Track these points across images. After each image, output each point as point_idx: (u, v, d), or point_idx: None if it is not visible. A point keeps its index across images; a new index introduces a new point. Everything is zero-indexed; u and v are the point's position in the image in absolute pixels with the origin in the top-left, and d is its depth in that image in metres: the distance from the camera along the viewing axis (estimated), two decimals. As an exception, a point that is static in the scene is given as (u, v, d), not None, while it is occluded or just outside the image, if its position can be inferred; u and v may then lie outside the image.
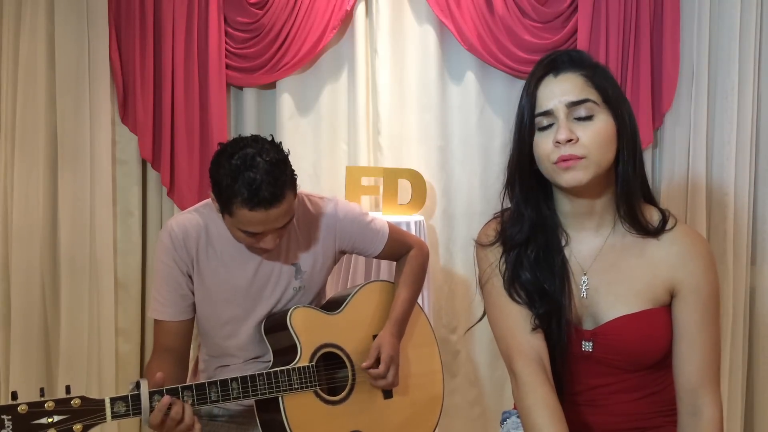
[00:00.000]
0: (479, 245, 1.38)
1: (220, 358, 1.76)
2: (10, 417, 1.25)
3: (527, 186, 1.30)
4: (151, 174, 2.75)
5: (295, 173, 1.59)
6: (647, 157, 2.60)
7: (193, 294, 1.69)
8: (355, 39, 2.67)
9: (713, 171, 2.59)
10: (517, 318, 1.28)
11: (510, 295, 1.30)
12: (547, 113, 1.24)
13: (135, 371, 2.75)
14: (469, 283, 2.76)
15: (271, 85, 2.76)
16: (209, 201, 1.68)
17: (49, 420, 1.28)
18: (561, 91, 1.23)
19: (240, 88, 2.77)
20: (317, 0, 2.61)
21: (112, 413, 1.35)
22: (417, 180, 2.62)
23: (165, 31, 2.63)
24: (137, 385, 1.40)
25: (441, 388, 1.89)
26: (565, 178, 1.22)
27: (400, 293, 1.84)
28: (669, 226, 1.29)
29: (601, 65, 1.29)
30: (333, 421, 1.66)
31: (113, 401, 1.36)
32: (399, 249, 1.91)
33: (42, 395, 1.30)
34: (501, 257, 1.33)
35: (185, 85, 2.66)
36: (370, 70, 2.72)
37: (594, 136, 1.21)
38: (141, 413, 1.38)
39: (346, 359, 1.72)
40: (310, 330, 1.68)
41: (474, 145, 2.73)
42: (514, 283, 1.30)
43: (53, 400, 1.30)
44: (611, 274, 1.29)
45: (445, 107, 2.74)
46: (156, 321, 1.68)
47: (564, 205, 1.31)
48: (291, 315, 1.66)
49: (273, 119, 2.77)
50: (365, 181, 2.64)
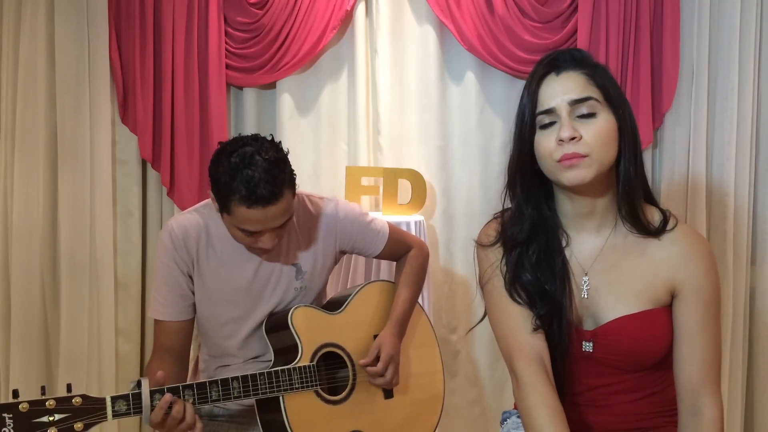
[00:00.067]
0: (480, 245, 1.38)
1: (220, 358, 1.76)
2: (11, 415, 1.25)
3: (528, 185, 1.30)
4: (151, 174, 2.75)
5: (294, 173, 1.58)
6: (647, 157, 2.60)
7: (194, 294, 1.68)
8: (355, 39, 2.67)
9: (713, 171, 2.59)
10: (518, 318, 1.28)
11: (511, 296, 1.30)
12: (549, 111, 1.23)
13: (135, 371, 2.75)
14: (469, 283, 2.76)
15: (271, 85, 2.76)
16: (209, 201, 1.68)
17: (50, 418, 1.28)
18: (563, 90, 1.23)
19: (240, 88, 2.77)
20: (317, 0, 2.61)
21: (113, 412, 1.35)
22: (417, 180, 2.62)
23: (165, 31, 2.63)
24: (138, 384, 1.40)
25: (441, 388, 1.89)
26: (568, 176, 1.22)
27: (400, 293, 1.83)
28: (670, 226, 1.29)
29: (602, 65, 1.29)
30: (333, 421, 1.65)
31: (114, 400, 1.36)
32: (399, 249, 1.91)
33: (43, 393, 1.30)
34: (502, 257, 1.33)
35: (185, 85, 2.66)
36: (370, 70, 2.72)
37: (597, 133, 1.21)
38: (142, 412, 1.38)
39: (346, 359, 1.72)
40: (311, 330, 1.68)
41: (474, 145, 2.73)
42: (514, 284, 1.30)
43: (54, 398, 1.30)
44: (612, 274, 1.29)
45: (445, 107, 2.74)
46: (156, 321, 1.68)
47: (565, 205, 1.31)
48: (292, 314, 1.66)
49: (273, 119, 2.77)
50: (365, 181, 2.64)
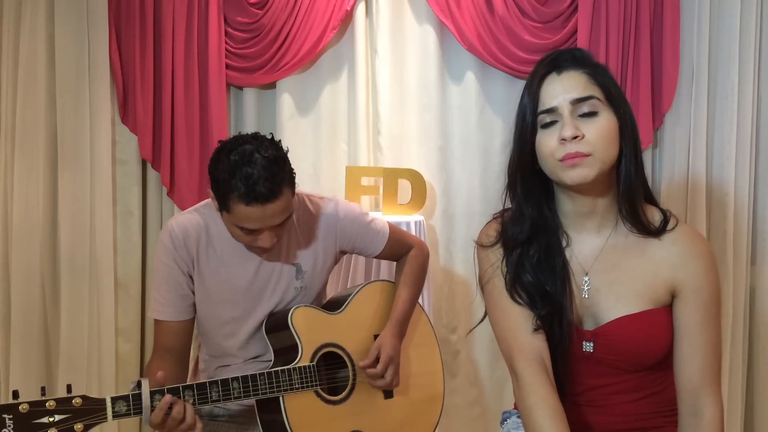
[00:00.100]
0: (480, 246, 1.38)
1: (220, 358, 1.76)
2: (11, 416, 1.25)
3: (529, 185, 1.29)
4: (151, 174, 2.75)
5: (294, 172, 1.58)
6: (647, 157, 2.60)
7: (194, 294, 1.68)
8: (355, 39, 2.67)
9: (713, 171, 2.59)
10: (519, 318, 1.28)
11: (512, 297, 1.29)
12: (551, 110, 1.23)
13: (135, 371, 2.75)
14: (469, 283, 2.76)
15: (271, 85, 2.75)
16: (209, 201, 1.68)
17: (50, 419, 1.28)
18: (564, 89, 1.23)
19: (240, 88, 2.77)
20: (317, 0, 2.61)
21: (113, 412, 1.35)
22: (417, 180, 2.62)
23: (165, 31, 2.63)
24: (138, 385, 1.40)
25: (441, 388, 1.89)
26: (571, 175, 1.21)
27: (400, 293, 1.83)
28: (670, 226, 1.29)
29: (602, 64, 1.29)
30: (333, 421, 1.65)
31: (114, 400, 1.36)
32: (399, 249, 1.91)
33: (43, 394, 1.30)
34: (502, 258, 1.33)
35: (185, 85, 2.66)
36: (370, 70, 2.72)
37: (599, 132, 1.21)
38: (142, 412, 1.38)
39: (346, 359, 1.72)
40: (311, 330, 1.68)
41: (474, 145, 2.73)
42: (515, 285, 1.30)
43: (54, 399, 1.29)
44: (612, 274, 1.29)
45: (445, 107, 2.74)
46: (156, 321, 1.68)
47: (565, 204, 1.31)
48: (292, 314, 1.66)
49: (273, 119, 2.77)
50: (365, 181, 2.64)
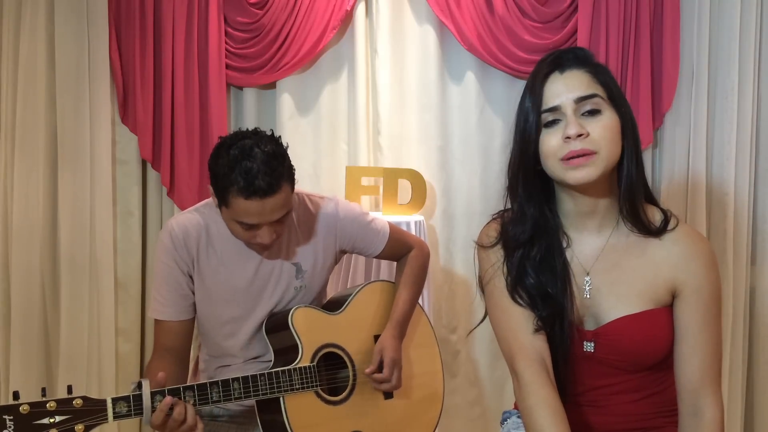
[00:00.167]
0: (480, 246, 1.37)
1: (220, 358, 1.76)
2: (11, 417, 1.25)
3: (531, 186, 1.29)
4: (151, 174, 2.75)
5: (294, 168, 1.59)
6: (647, 157, 2.60)
7: (194, 294, 1.68)
8: (355, 39, 2.67)
9: (713, 171, 2.59)
10: (520, 319, 1.28)
11: (513, 298, 1.29)
12: (554, 109, 1.23)
13: (135, 371, 2.75)
14: (470, 284, 2.76)
15: (271, 85, 2.75)
16: (209, 201, 1.68)
17: (51, 420, 1.28)
18: (567, 88, 1.23)
19: (240, 88, 2.77)
20: (317, 0, 2.61)
21: (113, 413, 1.35)
22: (417, 180, 2.62)
23: (165, 31, 2.62)
24: (139, 385, 1.40)
25: (441, 388, 1.89)
26: (574, 175, 1.21)
27: (401, 294, 1.83)
28: (671, 226, 1.29)
29: (603, 64, 1.29)
30: (334, 422, 1.65)
31: (115, 401, 1.36)
32: (400, 249, 1.91)
33: (44, 395, 1.30)
34: (503, 258, 1.33)
35: (185, 85, 2.66)
36: (370, 70, 2.72)
37: (603, 130, 1.21)
38: (143, 413, 1.38)
39: (347, 359, 1.72)
40: (311, 330, 1.68)
41: (474, 145, 2.73)
42: (517, 287, 1.29)
43: (55, 400, 1.29)
44: (613, 274, 1.29)
45: (445, 107, 2.74)
46: (156, 321, 1.68)
47: (566, 204, 1.31)
48: (292, 315, 1.66)
49: (273, 119, 2.77)
50: (365, 181, 2.64)
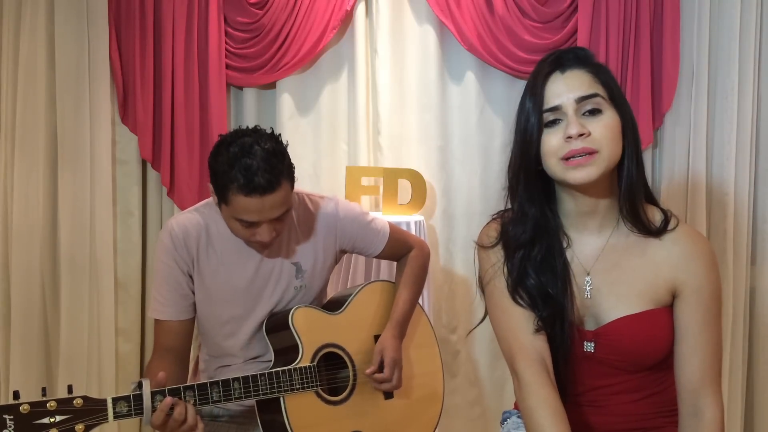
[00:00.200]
0: (480, 246, 1.37)
1: (220, 358, 1.76)
2: (12, 417, 1.25)
3: (531, 186, 1.29)
4: (151, 174, 2.75)
5: (293, 166, 1.59)
6: (647, 157, 2.60)
7: (194, 293, 1.68)
8: (355, 39, 2.67)
9: (713, 171, 2.59)
10: (520, 319, 1.28)
11: (513, 299, 1.29)
12: (555, 109, 1.23)
13: (135, 371, 2.75)
14: (470, 284, 2.76)
15: (271, 85, 2.75)
16: (209, 201, 1.68)
17: (51, 420, 1.28)
18: (569, 87, 1.23)
19: (240, 88, 2.77)
20: (317, 0, 2.61)
21: (114, 413, 1.35)
22: (417, 180, 2.62)
23: (165, 31, 2.62)
24: (139, 385, 1.40)
25: (441, 388, 1.89)
26: (575, 175, 1.21)
27: (401, 294, 1.83)
28: (671, 226, 1.29)
29: (603, 65, 1.29)
30: (334, 422, 1.65)
31: (115, 401, 1.36)
32: (400, 249, 1.91)
33: (44, 395, 1.30)
34: (503, 258, 1.33)
35: (185, 85, 2.66)
36: (370, 70, 2.72)
37: (604, 129, 1.21)
38: (143, 413, 1.38)
39: (347, 359, 1.72)
40: (311, 330, 1.68)
41: (474, 145, 2.73)
42: (518, 288, 1.29)
43: (55, 399, 1.29)
44: (614, 274, 1.29)
45: (445, 107, 2.74)
46: (156, 321, 1.68)
47: (567, 204, 1.31)
48: (293, 315, 1.66)
49: (273, 119, 2.77)
50: (365, 181, 2.64)
